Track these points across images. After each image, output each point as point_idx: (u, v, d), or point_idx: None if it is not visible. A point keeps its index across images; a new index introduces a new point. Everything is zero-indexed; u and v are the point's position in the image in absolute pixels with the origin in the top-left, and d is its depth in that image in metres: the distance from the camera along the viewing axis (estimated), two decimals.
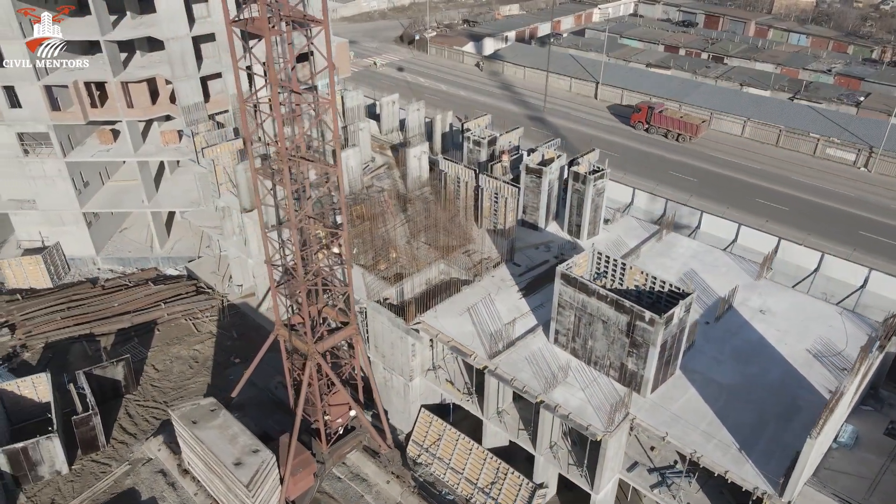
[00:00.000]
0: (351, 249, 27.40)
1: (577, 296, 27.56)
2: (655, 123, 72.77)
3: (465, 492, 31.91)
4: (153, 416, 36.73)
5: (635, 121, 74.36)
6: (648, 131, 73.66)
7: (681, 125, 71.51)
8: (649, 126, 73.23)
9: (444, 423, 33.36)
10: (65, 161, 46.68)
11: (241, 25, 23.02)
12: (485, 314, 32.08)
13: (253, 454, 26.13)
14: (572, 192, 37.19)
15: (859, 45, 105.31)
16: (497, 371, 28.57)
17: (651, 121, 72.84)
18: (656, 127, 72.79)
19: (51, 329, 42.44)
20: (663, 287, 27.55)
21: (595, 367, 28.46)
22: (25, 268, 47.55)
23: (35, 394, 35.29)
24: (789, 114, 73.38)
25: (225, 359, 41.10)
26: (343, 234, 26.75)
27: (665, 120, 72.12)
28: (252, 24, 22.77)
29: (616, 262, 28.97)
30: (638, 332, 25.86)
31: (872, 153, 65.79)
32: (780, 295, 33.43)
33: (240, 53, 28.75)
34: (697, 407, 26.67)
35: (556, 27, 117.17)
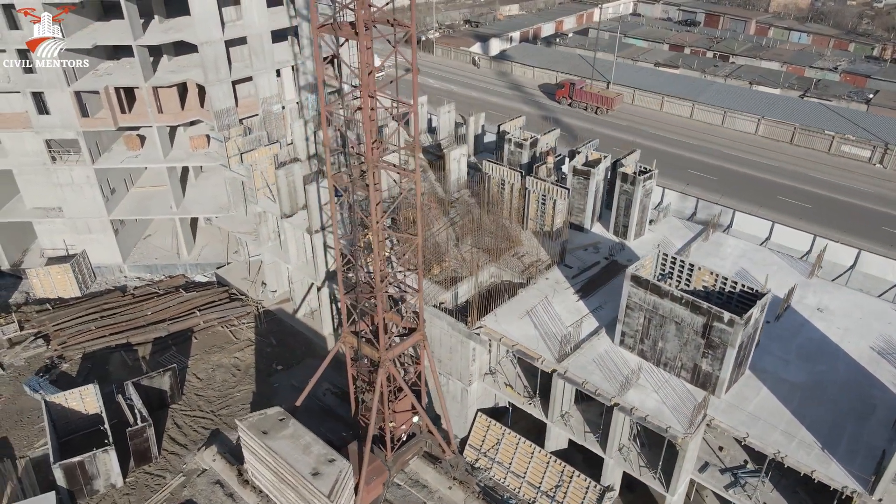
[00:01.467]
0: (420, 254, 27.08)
1: (649, 297, 27.46)
2: (577, 98, 79.27)
3: (528, 496, 31.73)
4: (201, 426, 36.18)
5: (560, 96, 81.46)
6: (571, 105, 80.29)
7: (598, 99, 78.47)
8: (572, 101, 79.88)
9: (503, 427, 33.17)
10: (93, 168, 45.91)
11: (328, 30, 22.58)
12: (544, 317, 31.90)
13: (329, 464, 25.75)
14: (620, 192, 37.12)
15: (860, 42, 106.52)
16: (567, 374, 28.40)
17: (573, 96, 79.59)
18: (578, 101, 79.49)
19: (87, 339, 41.70)
20: (734, 287, 27.53)
21: (665, 368, 28.39)
22: (53, 277, 46.70)
23: (82, 406, 34.62)
24: (803, 112, 74.00)
25: (267, 366, 40.61)
26: (417, 240, 26.45)
27: (585, 95, 79.00)
28: (342, 29, 22.32)
29: (683, 263, 28.91)
30: (715, 334, 25.81)
31: (888, 150, 66.47)
32: (835, 293, 33.57)
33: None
34: (773, 406, 26.66)
35: (558, 27, 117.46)
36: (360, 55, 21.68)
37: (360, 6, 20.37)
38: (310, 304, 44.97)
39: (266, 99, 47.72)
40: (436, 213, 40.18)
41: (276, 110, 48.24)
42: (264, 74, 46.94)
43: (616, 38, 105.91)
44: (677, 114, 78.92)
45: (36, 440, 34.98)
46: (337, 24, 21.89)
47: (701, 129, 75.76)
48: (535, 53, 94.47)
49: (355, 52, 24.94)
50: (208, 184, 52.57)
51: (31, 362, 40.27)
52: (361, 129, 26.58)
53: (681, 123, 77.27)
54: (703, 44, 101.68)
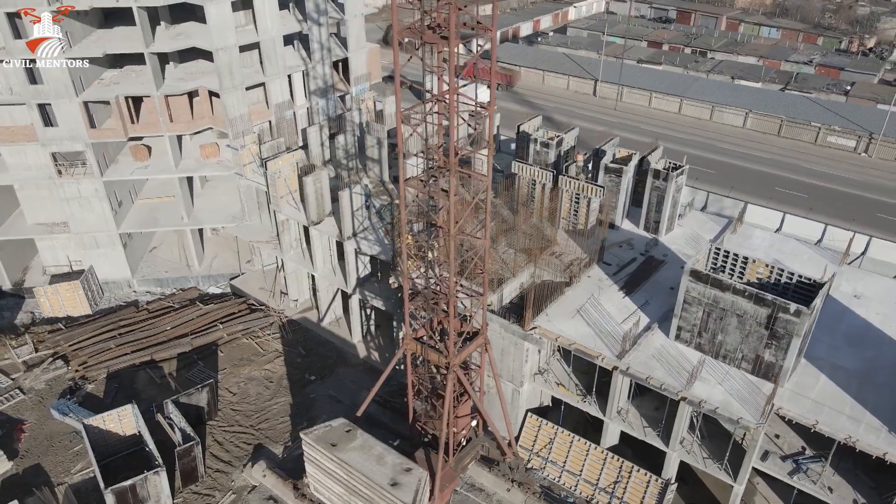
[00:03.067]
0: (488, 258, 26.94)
1: (709, 292, 27.87)
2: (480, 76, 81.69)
3: (585, 493, 31.89)
4: (243, 442, 35.31)
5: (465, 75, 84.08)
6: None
7: (500, 77, 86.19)
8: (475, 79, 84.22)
9: (555, 426, 33.25)
10: (102, 180, 44.36)
11: (410, 34, 22.21)
12: (595, 315, 32.10)
13: (407, 473, 25.38)
14: (651, 189, 37.58)
15: (828, 36, 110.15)
16: (630, 371, 28.62)
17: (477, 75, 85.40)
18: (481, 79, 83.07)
19: (109, 358, 40.28)
20: (790, 279, 28.15)
21: (724, 360, 28.85)
22: (62, 295, 44.98)
23: (119, 427, 33.46)
24: (787, 104, 76.11)
25: (299, 377, 39.87)
26: (485, 243, 26.26)
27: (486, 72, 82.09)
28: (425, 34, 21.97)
29: (737, 256, 29.44)
30: (780, 324, 26.34)
31: (872, 139, 68.89)
32: (868, 280, 34.61)
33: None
34: (834, 392, 27.36)
35: (536, 26, 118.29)
36: (449, 59, 21.41)
37: (454, 10, 20.13)
38: (335, 312, 44.34)
39: (279, 105, 46.81)
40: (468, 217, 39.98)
41: (288, 116, 47.38)
42: (276, 80, 46.06)
43: (596, 36, 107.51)
44: (666, 109, 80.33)
45: (71, 465, 33.64)
46: (422, 28, 21.57)
47: (690, 124, 77.29)
48: (520, 53, 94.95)
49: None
50: (216, 193, 51.30)
51: (52, 385, 38.72)
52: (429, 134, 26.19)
53: (670, 119, 78.67)
54: (681, 40, 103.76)
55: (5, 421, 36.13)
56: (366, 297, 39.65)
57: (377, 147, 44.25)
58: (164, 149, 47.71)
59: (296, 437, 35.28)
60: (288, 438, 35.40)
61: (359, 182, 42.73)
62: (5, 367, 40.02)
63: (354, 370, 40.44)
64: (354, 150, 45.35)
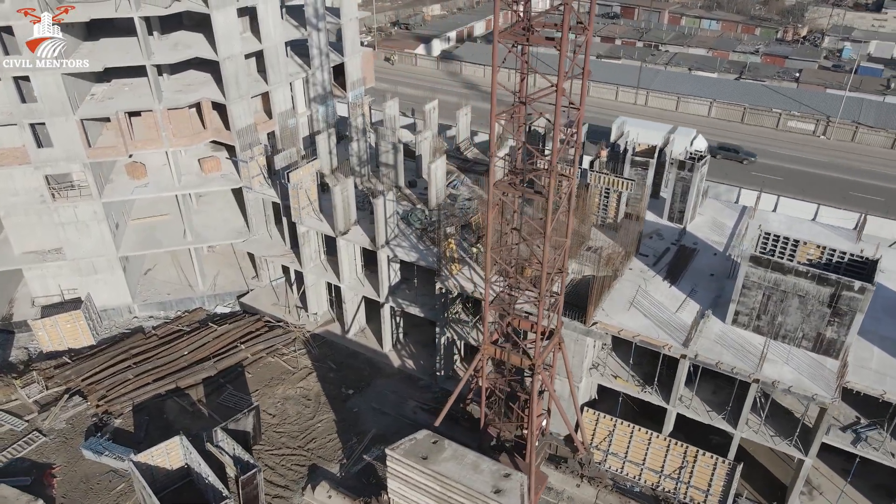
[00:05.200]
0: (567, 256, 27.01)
1: (769, 275, 28.90)
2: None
3: (650, 481, 32.48)
4: (295, 464, 34.08)
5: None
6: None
7: None
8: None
9: (614, 418, 33.68)
10: (102, 202, 41.79)
11: (511, 35, 21.90)
12: (648, 305, 32.71)
13: (506, 479, 25.09)
14: (676, 179, 38.61)
15: (765, 27, 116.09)
16: (698, 357, 29.34)
17: None
18: None
19: (131, 390, 38.00)
20: (842, 258, 29.54)
21: (784, 340, 29.97)
22: (62, 327, 42.08)
23: (167, 461, 31.69)
24: (747, 92, 79.78)
25: (336, 392, 38.80)
26: (566, 242, 26.29)
27: None
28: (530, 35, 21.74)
29: (787, 240, 30.65)
30: (843, 302, 27.61)
31: (830, 122, 73.13)
32: (887, 254, 36.65)
33: None
34: (891, 362, 28.90)
35: (488, 25, 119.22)
36: (560, 58, 21.31)
37: (569, 9, 20.04)
38: (359, 323, 43.39)
39: (282, 113, 45.37)
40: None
41: (291, 125, 45.98)
42: (279, 88, 44.62)
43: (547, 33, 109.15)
44: (633, 102, 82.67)
45: None
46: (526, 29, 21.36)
47: (657, 116, 79.62)
48: (483, 52, 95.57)
49: None
50: (213, 208, 49.24)
51: (74, 423, 36.22)
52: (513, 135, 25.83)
53: (638, 111, 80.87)
54: (632, 35, 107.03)
55: (30, 467, 33.53)
56: (399, 304, 38.99)
57: (392, 152, 43.65)
58: (158, 165, 45.58)
59: (350, 453, 34.39)
60: (342, 456, 34.41)
61: (372, 188, 41.95)
62: (16, 408, 37.17)
63: (391, 380, 39.68)
64: (366, 157, 44.54)
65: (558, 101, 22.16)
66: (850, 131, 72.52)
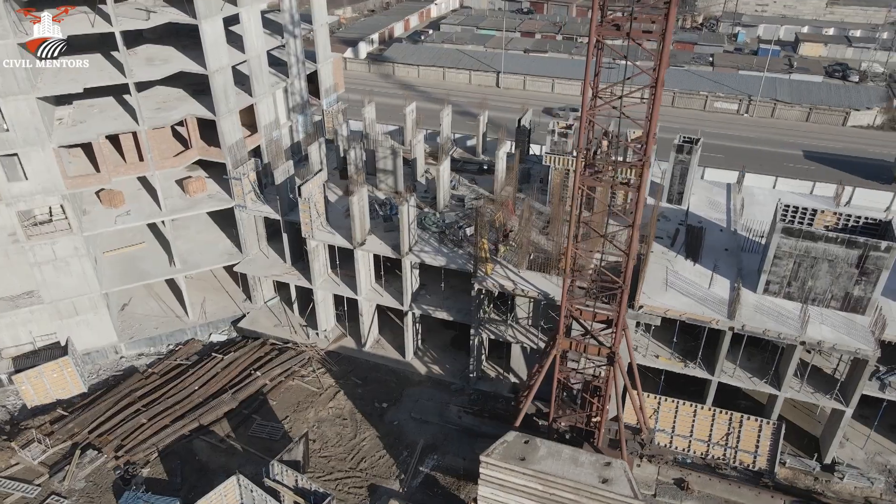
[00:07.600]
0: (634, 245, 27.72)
1: (801, 244, 31.11)
2: None
3: (699, 451, 34.08)
4: (353, 487, 32.88)
5: None
6: None
7: None
8: None
9: (658, 396, 34.99)
10: (83, 236, 38.21)
11: (610, 31, 22.11)
12: (682, 284, 34.21)
13: (608, 467, 25.47)
14: (675, 163, 40.54)
15: None
16: (745, 328, 31.10)
17: None
18: None
19: (150, 435, 35.09)
20: (857, 222, 32.26)
21: (813, 303, 32.33)
22: (47, 377, 38.24)
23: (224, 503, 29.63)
24: (671, 78, 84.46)
25: (370, 407, 37.73)
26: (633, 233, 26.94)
27: None
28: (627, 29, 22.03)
29: (805, 210, 33.04)
30: (870, 262, 30.21)
31: (752, 102, 79.11)
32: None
33: None
34: None
35: (406, 26, 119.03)
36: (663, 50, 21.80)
37: (675, 4, 20.60)
38: (373, 335, 42.33)
39: (267, 126, 43.29)
40: (507, 214, 40.25)
41: (276, 136, 44.01)
42: (264, 99, 42.52)
43: (470, 30, 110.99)
44: (570, 93, 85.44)
45: None
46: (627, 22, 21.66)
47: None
48: (414, 52, 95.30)
49: None
50: (189, 232, 46.27)
51: (95, 480, 32.99)
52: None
53: (578, 101, 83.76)
54: (550, 29, 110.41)
55: None
56: (424, 310, 38.45)
57: (391, 157, 42.88)
58: (133, 191, 42.37)
59: (405, 467, 33.59)
60: (398, 471, 33.55)
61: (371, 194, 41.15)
62: (20, 473, 33.35)
63: (422, 388, 39.10)
64: (362, 164, 43.47)
65: (658, 93, 22.74)
66: (770, 108, 78.81)
